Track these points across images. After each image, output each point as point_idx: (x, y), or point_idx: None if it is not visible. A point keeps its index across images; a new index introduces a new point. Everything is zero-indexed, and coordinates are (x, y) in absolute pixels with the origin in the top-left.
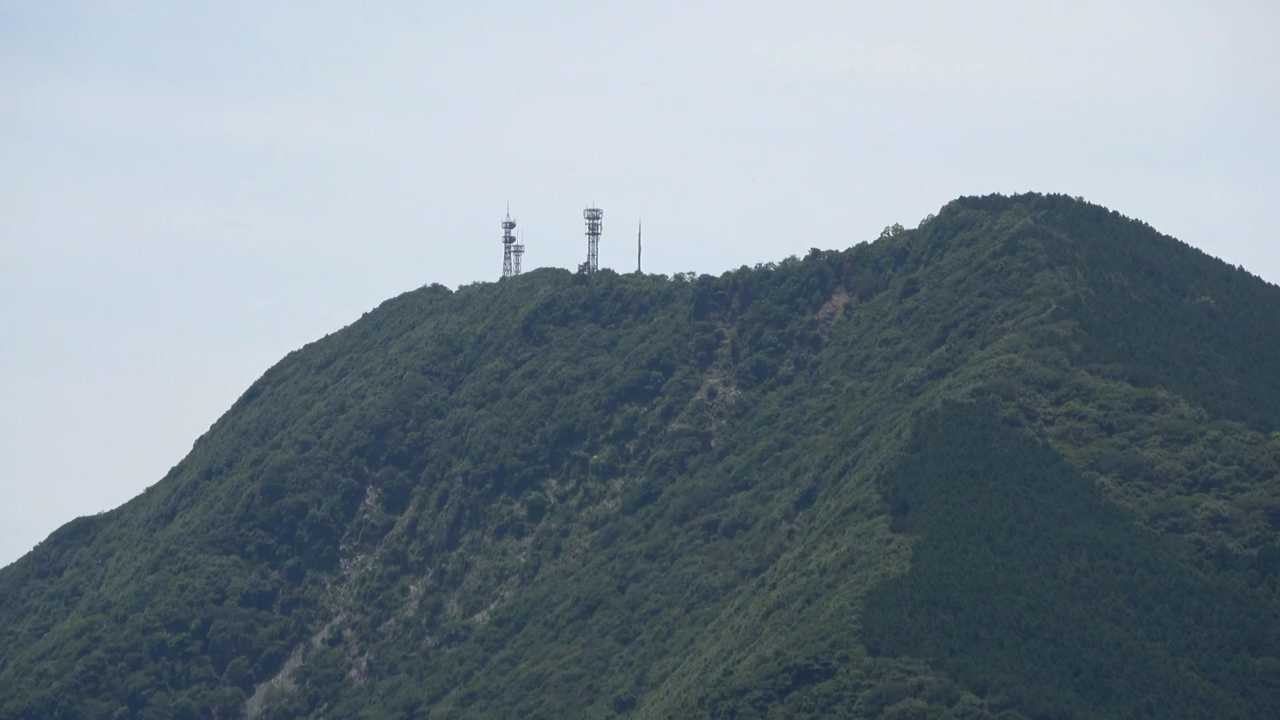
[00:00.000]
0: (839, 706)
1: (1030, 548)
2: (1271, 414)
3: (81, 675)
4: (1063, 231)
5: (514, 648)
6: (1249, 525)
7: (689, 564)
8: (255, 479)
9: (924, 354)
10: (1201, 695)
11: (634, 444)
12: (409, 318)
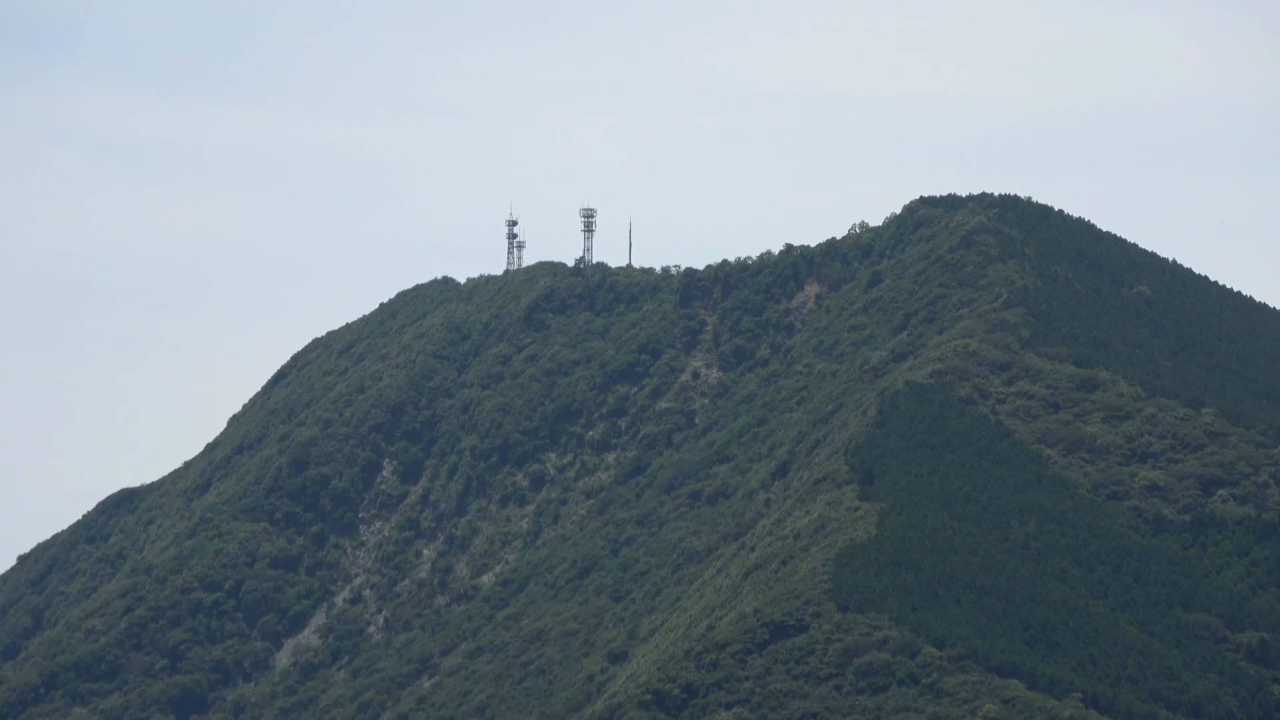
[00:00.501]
0: (811, 659)
1: (984, 514)
2: (1202, 392)
3: (126, 631)
4: (1013, 228)
5: (517, 606)
6: (1182, 493)
7: (675, 529)
8: (283, 453)
9: (887, 339)
10: (1139, 647)
11: (625, 421)
12: (421, 307)
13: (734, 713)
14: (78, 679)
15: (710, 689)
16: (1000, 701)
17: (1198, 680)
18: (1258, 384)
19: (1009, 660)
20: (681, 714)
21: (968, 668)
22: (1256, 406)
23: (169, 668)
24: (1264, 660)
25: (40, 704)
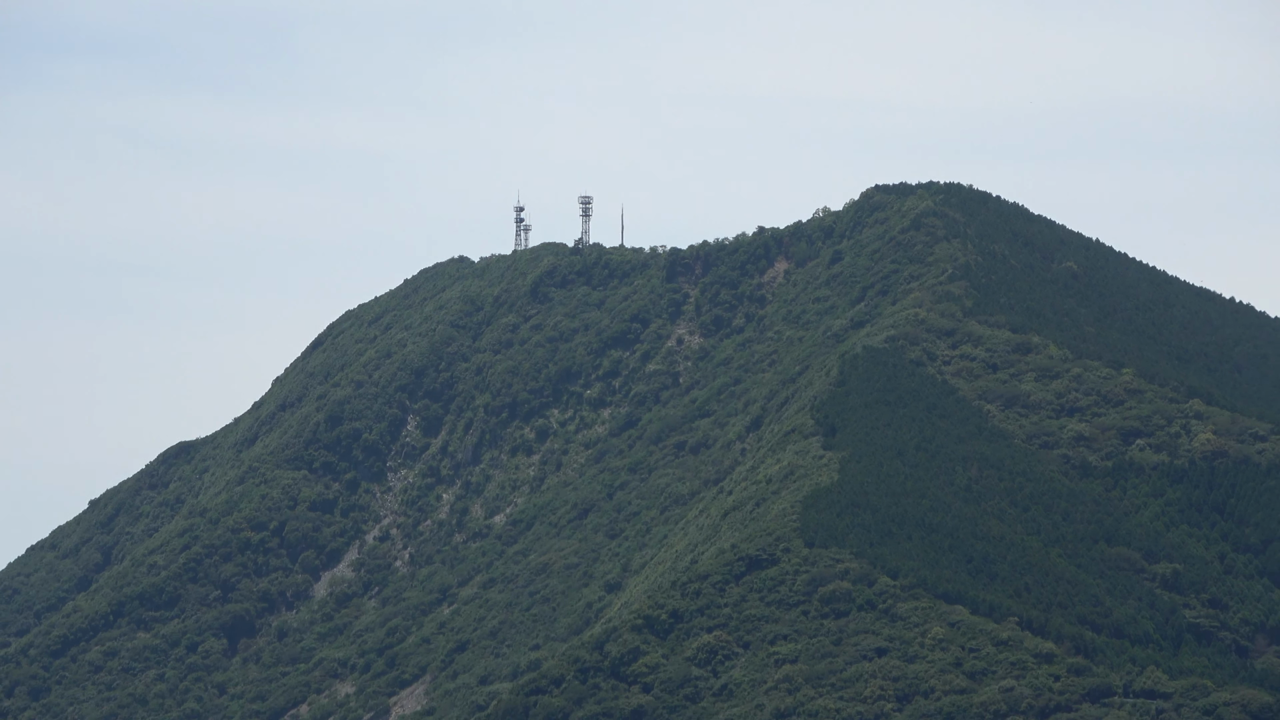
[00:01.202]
0: (781, 588)
1: (932, 461)
2: (1122, 355)
3: (183, 566)
4: (956, 212)
5: (525, 543)
6: (1105, 443)
7: (663, 476)
8: (320, 410)
9: (847, 309)
10: (1068, 577)
11: (618, 381)
12: (440, 282)
13: (714, 635)
14: (141, 608)
15: (693, 614)
16: (947, 624)
17: (1119, 606)
18: (1171, 347)
19: (954, 588)
20: (669, 636)
21: (918, 595)
22: (1169, 367)
23: (221, 598)
24: (1176, 588)
25: (109, 629)
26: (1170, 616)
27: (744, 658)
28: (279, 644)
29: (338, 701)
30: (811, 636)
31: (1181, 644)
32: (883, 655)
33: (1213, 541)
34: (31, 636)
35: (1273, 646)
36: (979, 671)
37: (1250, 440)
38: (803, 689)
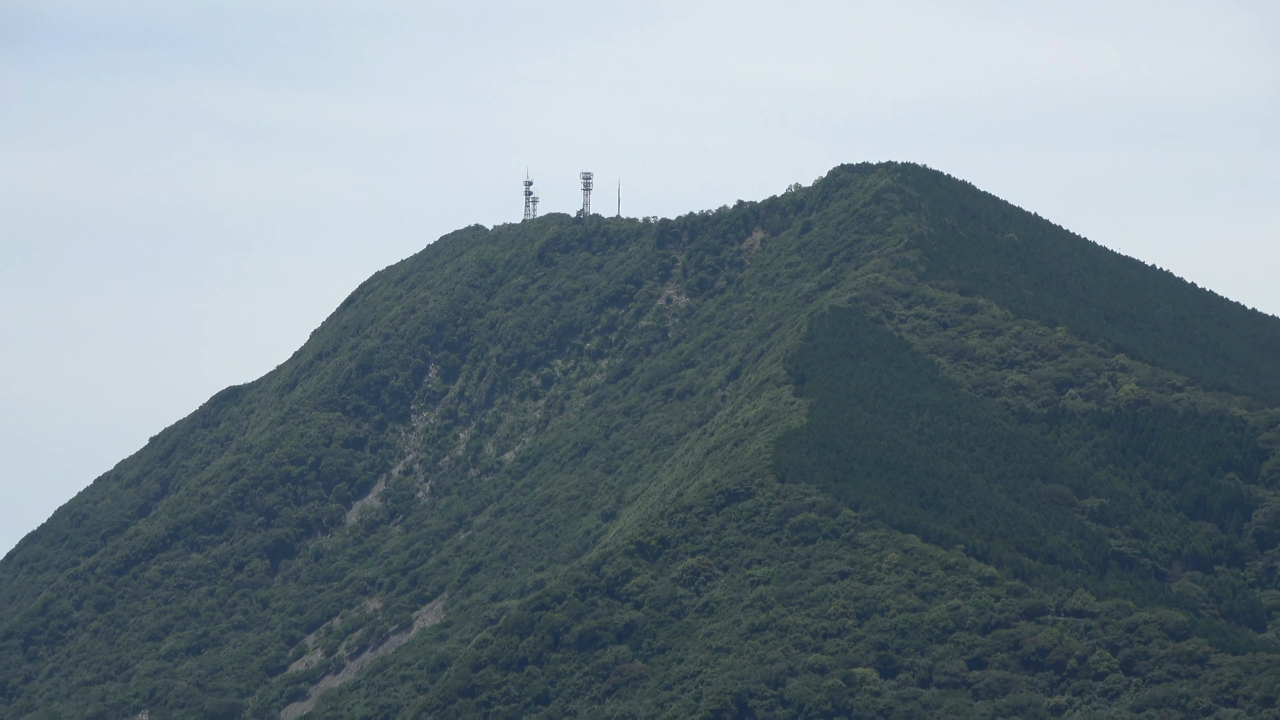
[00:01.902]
0: (756, 518)
1: (890, 407)
2: (1057, 314)
3: (232, 495)
4: (912, 189)
5: (532, 477)
6: (1041, 392)
7: (653, 419)
8: (352, 359)
9: (816, 273)
10: (1008, 510)
11: (614, 335)
12: (458, 248)
13: (697, 559)
14: (195, 532)
15: (679, 541)
16: (901, 551)
17: (1052, 535)
18: (1099, 309)
19: (908, 519)
20: (657, 560)
21: (876, 525)
22: (1098, 326)
23: (264, 523)
24: (1103, 520)
25: (166, 551)
26: (1097, 545)
27: (723, 579)
28: (315, 564)
29: (366, 615)
30: (782, 561)
31: (1107, 569)
32: (845, 578)
33: (1135, 479)
34: (98, 556)
35: (1188, 572)
36: (929, 592)
37: (1169, 390)
38: (774, 607)
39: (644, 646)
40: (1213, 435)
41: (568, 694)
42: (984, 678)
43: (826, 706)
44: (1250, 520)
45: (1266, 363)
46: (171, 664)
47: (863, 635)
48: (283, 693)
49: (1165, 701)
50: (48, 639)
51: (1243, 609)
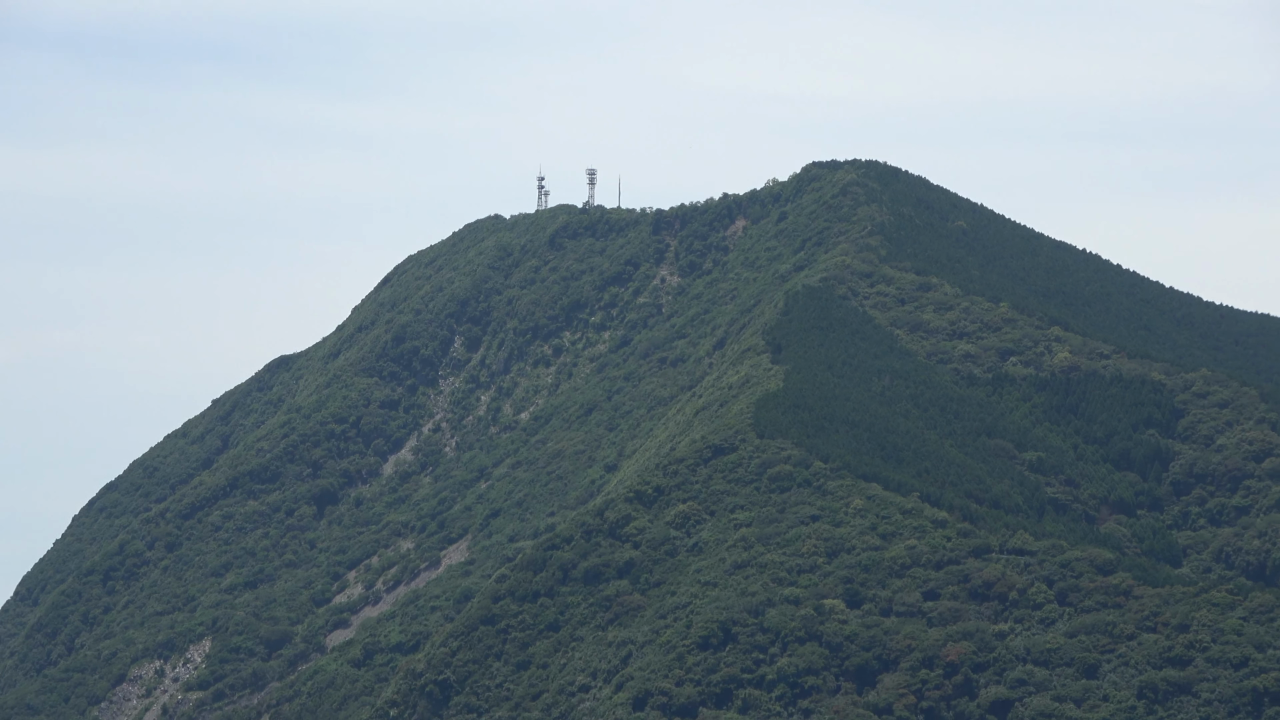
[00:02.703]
0: (739, 469)
1: (855, 373)
2: (1000, 292)
3: (284, 450)
4: (874, 183)
5: (544, 434)
6: (986, 360)
7: (649, 383)
8: (388, 331)
9: (791, 257)
10: (958, 462)
11: (616, 310)
12: (480, 234)
13: (687, 505)
14: (251, 482)
15: (672, 489)
16: (865, 498)
17: (996, 484)
18: (1037, 287)
19: (871, 470)
20: (653, 506)
21: (843, 475)
22: (1036, 301)
23: (312, 474)
24: (1040, 470)
25: (226, 498)
26: (1035, 492)
27: (710, 522)
28: (356, 510)
29: (400, 554)
30: (761, 507)
31: (1044, 513)
32: (816, 521)
33: (1068, 435)
34: (167, 503)
35: (1114, 515)
36: (889, 533)
37: (1097, 358)
38: (755, 546)
39: (641, 581)
40: (1135, 397)
41: (575, 622)
42: (937, 608)
43: (800, 633)
44: (1168, 470)
45: (1181, 334)
46: (231, 596)
47: (831, 571)
48: (328, 621)
49: (1094, 628)
50: (124, 575)
51: (1161, 548)
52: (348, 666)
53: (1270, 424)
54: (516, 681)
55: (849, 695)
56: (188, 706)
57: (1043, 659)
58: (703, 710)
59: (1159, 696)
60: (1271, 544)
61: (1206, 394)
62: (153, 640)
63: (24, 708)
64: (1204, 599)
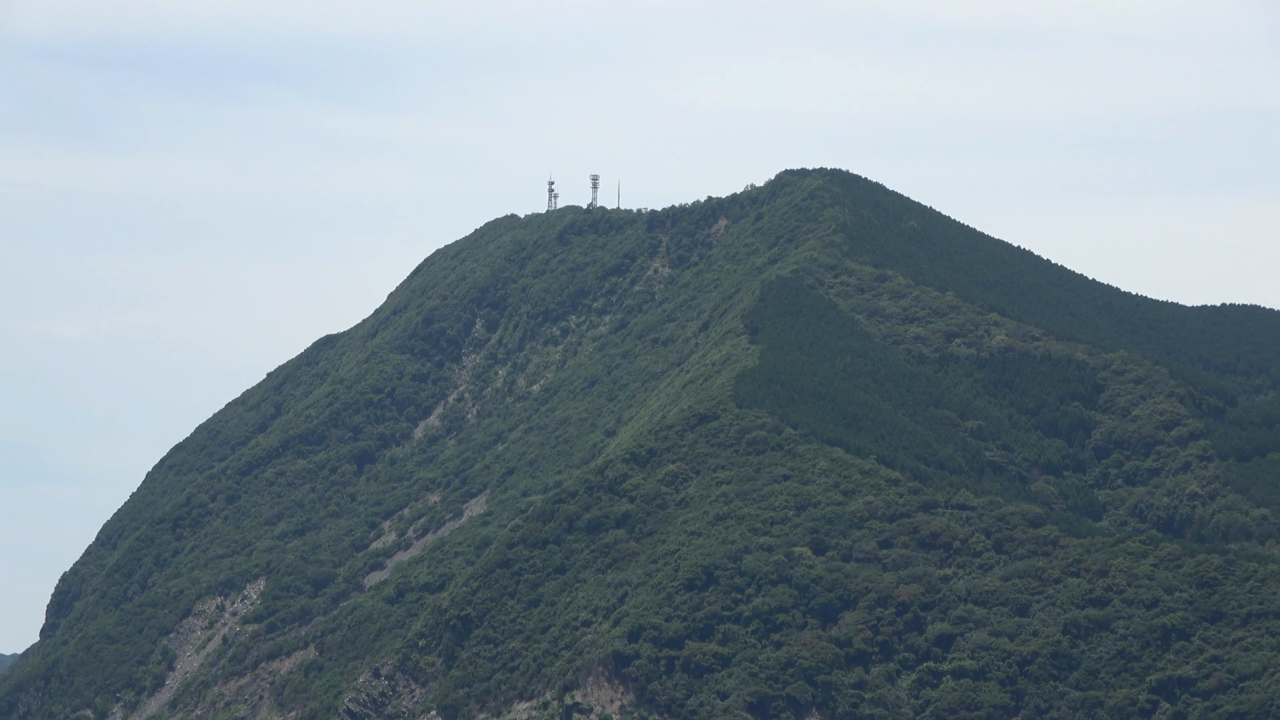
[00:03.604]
0: (720, 434)
1: (821, 352)
2: (945, 283)
3: (328, 416)
4: (838, 188)
5: (553, 404)
6: (934, 341)
7: (643, 360)
8: (418, 314)
9: (766, 251)
10: (909, 429)
11: (615, 297)
12: (498, 231)
13: (676, 465)
14: (300, 443)
15: (663, 451)
16: (829, 459)
17: (942, 448)
18: (978, 278)
19: (834, 436)
20: (646, 465)
21: (811, 440)
22: (977, 291)
23: (352, 437)
24: (980, 437)
25: (278, 458)
26: (975, 455)
27: (695, 480)
28: (390, 468)
29: (428, 506)
30: (739, 467)
31: (983, 474)
32: (787, 479)
33: (1004, 407)
34: (228, 462)
35: (1043, 476)
36: (850, 490)
37: (1029, 340)
38: (734, 501)
39: (636, 531)
40: (1062, 373)
41: (579, 566)
42: (891, 555)
43: (773, 575)
44: (1090, 437)
45: (1102, 319)
46: (282, 543)
47: (800, 523)
48: (365, 564)
49: (1025, 573)
50: (190, 523)
51: (1084, 504)
52: (382, 603)
53: (1178, 398)
54: (528, 617)
55: (814, 630)
56: (244, 637)
57: (981, 599)
58: (688, 642)
59: (1081, 632)
60: (1179, 501)
61: (1123, 371)
62: (214, 579)
63: (104, 637)
64: (1120, 548)
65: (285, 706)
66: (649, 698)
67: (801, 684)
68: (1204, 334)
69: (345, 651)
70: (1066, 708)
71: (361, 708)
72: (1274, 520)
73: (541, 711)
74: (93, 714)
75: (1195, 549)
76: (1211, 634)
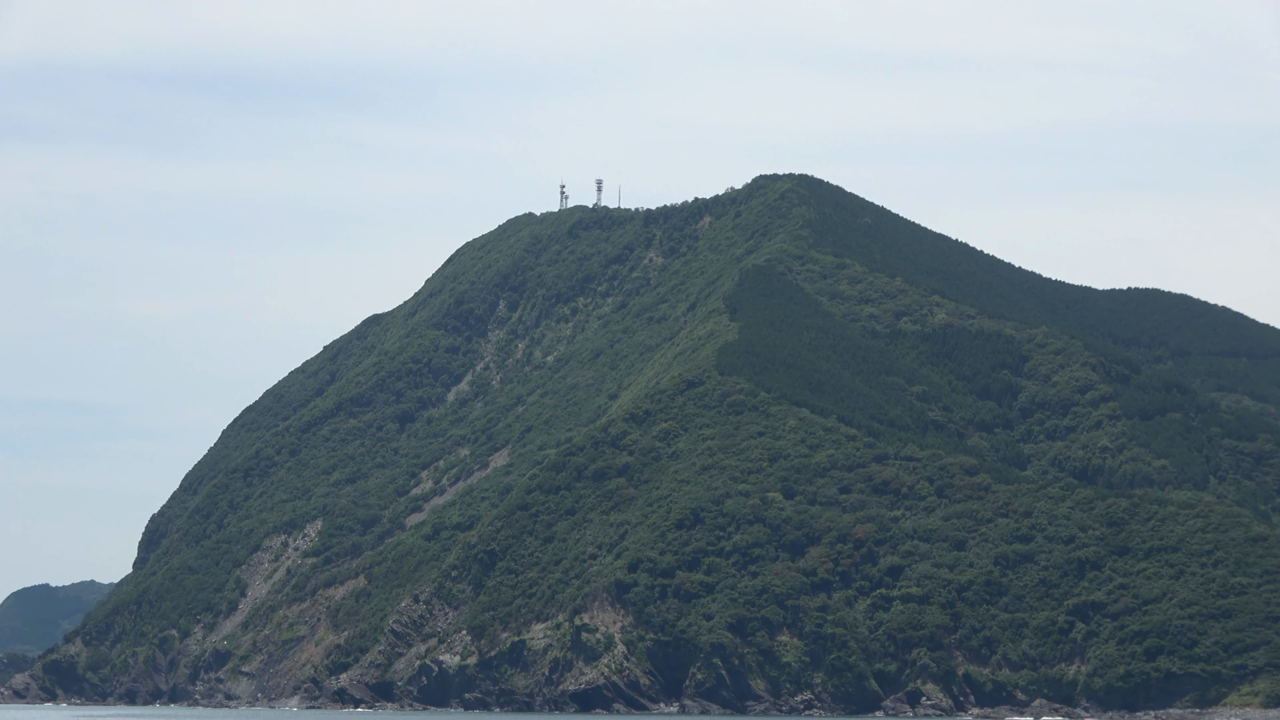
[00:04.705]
0: (705, 398)
1: (790, 328)
2: (895, 269)
3: (374, 381)
4: (804, 190)
5: (564, 372)
6: (885, 319)
7: (641, 335)
8: (451, 296)
9: (744, 243)
10: (864, 393)
11: (617, 282)
12: (518, 226)
13: (668, 423)
14: (352, 405)
15: (657, 412)
16: (797, 419)
17: (892, 409)
18: (922, 266)
19: (801, 399)
20: (643, 424)
21: (782, 403)
22: (922, 277)
23: (395, 400)
24: (925, 399)
25: (333, 418)
26: (921, 415)
27: (684, 436)
28: (427, 426)
29: (459, 459)
30: (722, 425)
31: (926, 430)
32: (761, 435)
33: (944, 374)
34: (290, 421)
35: (978, 433)
36: (815, 444)
37: (966, 318)
38: (717, 454)
39: (634, 479)
40: (993, 346)
41: (586, 508)
42: (849, 499)
43: (750, 516)
44: (1016, 400)
45: (1026, 300)
46: (336, 489)
47: (773, 472)
48: (406, 507)
49: (962, 514)
50: (258, 473)
51: (1011, 456)
52: (421, 540)
53: (1091, 366)
54: (543, 551)
55: (784, 562)
56: (305, 568)
57: (925, 536)
58: (678, 572)
59: (1009, 563)
60: (1091, 453)
61: (1045, 345)
62: (279, 520)
63: (186, 569)
64: (1042, 493)
65: (339, 627)
66: (645, 619)
67: (774, 607)
68: (1113, 313)
69: (389, 581)
70: (997, 627)
71: (403, 628)
72: (1172, 470)
73: (555, 631)
74: (177, 633)
75: (1105, 494)
76: (1119, 565)
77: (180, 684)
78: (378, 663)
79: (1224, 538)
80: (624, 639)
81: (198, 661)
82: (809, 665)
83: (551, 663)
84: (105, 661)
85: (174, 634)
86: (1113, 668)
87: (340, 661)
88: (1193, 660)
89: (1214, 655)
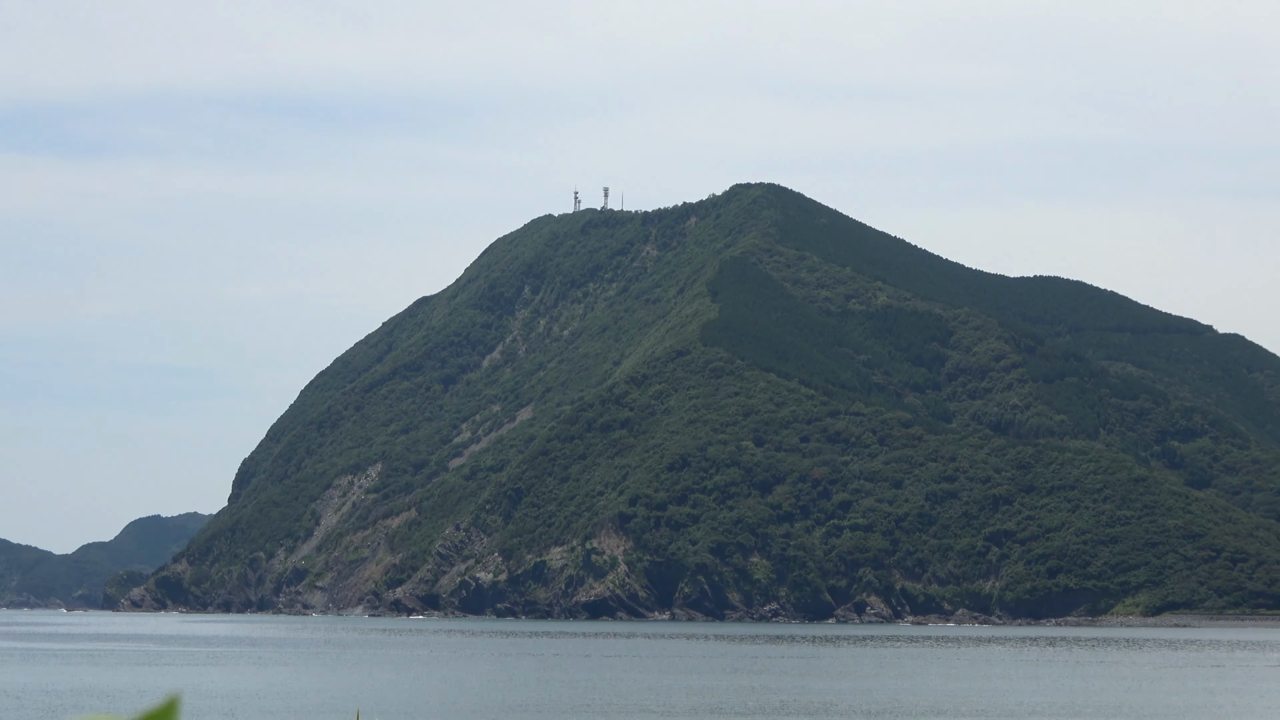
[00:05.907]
0: (692, 364)
1: (763, 308)
2: (845, 260)
3: (424, 351)
4: (772, 195)
5: (578, 344)
6: (838, 301)
7: (640, 313)
8: (485, 281)
9: (723, 239)
10: (821, 362)
11: (620, 271)
12: (539, 225)
13: (661, 385)
14: (405, 370)
15: (652, 376)
16: (766, 381)
17: (844, 373)
18: (868, 257)
19: (770, 365)
20: (641, 385)
21: (755, 369)
22: (870, 267)
23: (441, 365)
24: (869, 366)
25: (389, 381)
26: (867, 379)
27: (675, 396)
28: (466, 387)
29: (493, 414)
30: (704, 387)
31: (871, 391)
32: (737, 396)
33: (885, 345)
34: (356, 383)
35: (912, 393)
36: (780, 402)
37: (903, 300)
38: (701, 410)
39: (634, 430)
40: (924, 322)
41: (595, 454)
42: (808, 446)
43: (727, 461)
44: (944, 365)
45: (952, 285)
46: (393, 438)
47: (746, 425)
48: (449, 453)
49: (900, 459)
50: (330, 425)
51: (940, 412)
52: (461, 480)
53: (1004, 339)
54: (560, 489)
55: (755, 498)
56: (367, 502)
57: (870, 477)
58: (670, 506)
59: (938, 499)
60: (1004, 410)
61: (967, 321)
62: (346, 463)
63: (271, 502)
64: (965, 442)
65: (395, 550)
66: (643, 544)
67: (747, 534)
68: (1022, 296)
69: (436, 512)
70: (928, 551)
71: (447, 550)
72: (1070, 424)
73: (570, 553)
74: (263, 555)
75: (1016, 442)
76: (1027, 500)
77: (266, 596)
78: (426, 579)
79: (1111, 478)
80: (626, 560)
81: (280, 578)
82: (775, 581)
83: (567, 579)
84: (205, 578)
85: (261, 555)
86: (1021, 583)
87: (396, 578)
88: (1086, 578)
89: (1103, 573)
